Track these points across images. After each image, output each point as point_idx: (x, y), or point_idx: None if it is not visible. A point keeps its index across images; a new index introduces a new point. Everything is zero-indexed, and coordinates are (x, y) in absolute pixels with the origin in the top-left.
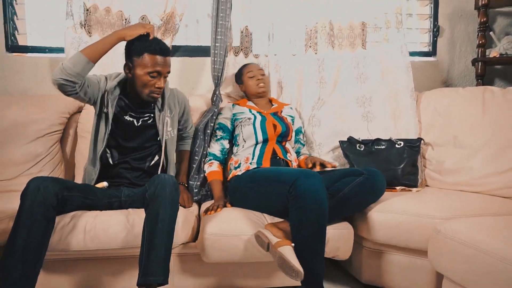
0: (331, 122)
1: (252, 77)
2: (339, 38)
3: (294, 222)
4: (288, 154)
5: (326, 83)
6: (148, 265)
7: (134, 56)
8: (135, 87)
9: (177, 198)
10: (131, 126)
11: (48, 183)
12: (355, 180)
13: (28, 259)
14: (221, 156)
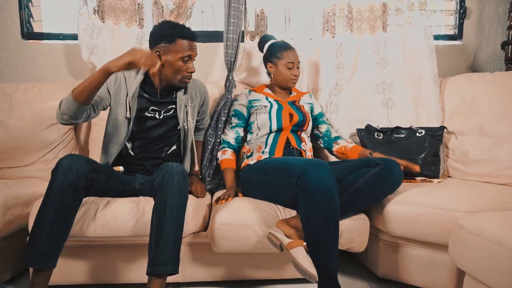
0: (349, 109)
1: (290, 69)
2: (358, 21)
3: (303, 216)
4: (302, 143)
5: (344, 69)
6: (156, 255)
7: (164, 43)
8: (166, 75)
9: (185, 186)
10: (152, 121)
11: (81, 163)
12: (371, 171)
13: (55, 235)
14: (235, 144)
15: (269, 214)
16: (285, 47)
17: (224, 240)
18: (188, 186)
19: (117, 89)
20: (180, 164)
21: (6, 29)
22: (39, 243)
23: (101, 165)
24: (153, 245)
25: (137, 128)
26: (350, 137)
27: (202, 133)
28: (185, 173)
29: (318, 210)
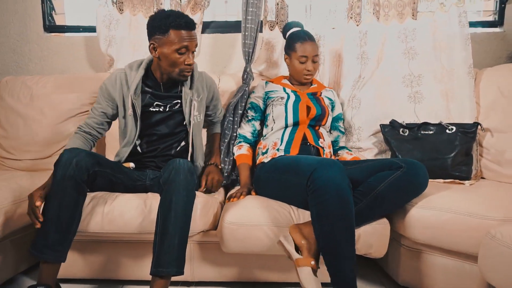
0: (373, 103)
1: (303, 63)
2: (385, 8)
3: (315, 219)
4: (320, 139)
5: (369, 59)
6: (161, 255)
7: (158, 34)
8: (164, 68)
9: (192, 183)
10: (159, 114)
11: (81, 157)
12: (392, 175)
13: (60, 228)
14: (251, 139)
15: (281, 214)
16: (302, 38)
17: (233, 240)
18: (195, 184)
19: (119, 90)
20: (188, 161)
21: (29, 23)
22: (44, 236)
23: (106, 159)
24: (158, 244)
25: (144, 125)
26: (373, 134)
27: (218, 125)
28: (192, 169)
29: (330, 211)
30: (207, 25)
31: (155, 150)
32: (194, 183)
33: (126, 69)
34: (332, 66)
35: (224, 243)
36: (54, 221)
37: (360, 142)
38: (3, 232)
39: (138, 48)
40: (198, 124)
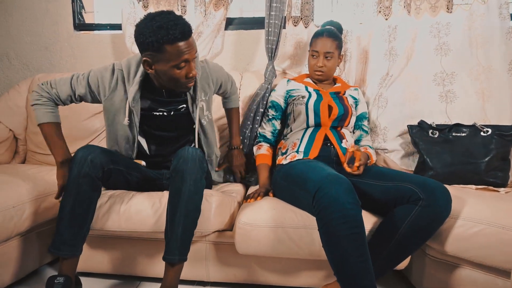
0: (400, 103)
1: (315, 58)
2: (417, 1)
3: (324, 243)
4: (343, 141)
5: (398, 56)
6: (168, 243)
7: (151, 52)
8: (162, 82)
9: (201, 172)
10: (163, 118)
11: (96, 154)
12: (411, 214)
13: (75, 224)
14: (272, 138)
15: (298, 217)
16: (317, 34)
17: (247, 241)
18: (204, 172)
19: (113, 91)
20: (197, 149)
21: (61, 21)
22: (60, 233)
23: (120, 156)
24: (169, 233)
25: (148, 128)
26: (400, 135)
27: (233, 97)
28: (202, 158)
29: (337, 232)
30: (230, 22)
31: (164, 152)
32: (203, 172)
33: (124, 68)
34: (359, 63)
35: (238, 244)
36: (68, 218)
37: (386, 143)
38: (29, 224)
39: None
40: (210, 121)
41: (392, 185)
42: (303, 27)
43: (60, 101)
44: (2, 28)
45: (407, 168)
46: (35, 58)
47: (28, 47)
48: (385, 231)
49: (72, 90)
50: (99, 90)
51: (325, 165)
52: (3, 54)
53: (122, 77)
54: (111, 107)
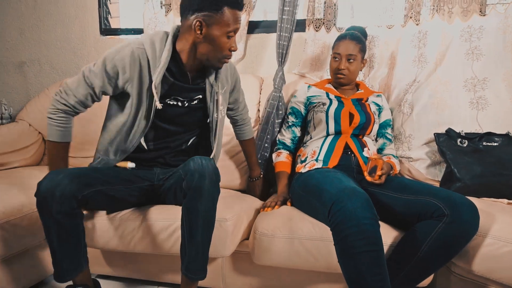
0: (427, 110)
1: (336, 61)
2: (448, 4)
3: (339, 258)
4: (365, 149)
5: (427, 62)
6: (190, 262)
7: (209, 11)
8: (203, 52)
9: (218, 187)
10: (175, 109)
11: (64, 185)
12: (434, 230)
13: (69, 251)
14: (291, 145)
15: (316, 228)
16: (340, 37)
17: (264, 252)
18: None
19: (133, 74)
20: (211, 160)
21: (88, 26)
22: (58, 264)
23: (95, 175)
24: (187, 248)
25: (155, 119)
26: (426, 143)
27: (246, 128)
28: (217, 170)
29: (353, 248)
30: (255, 25)
31: (164, 147)
32: (218, 184)
33: (146, 46)
34: (384, 69)
35: (255, 255)
36: (60, 249)
37: (411, 152)
38: None
39: None
40: (223, 118)
41: (414, 199)
42: (325, 31)
43: (82, 106)
44: (35, 34)
45: (433, 178)
46: (63, 63)
47: (58, 52)
48: (406, 248)
49: (90, 86)
50: (118, 76)
51: (344, 176)
52: (35, 59)
53: (145, 57)
54: (131, 91)
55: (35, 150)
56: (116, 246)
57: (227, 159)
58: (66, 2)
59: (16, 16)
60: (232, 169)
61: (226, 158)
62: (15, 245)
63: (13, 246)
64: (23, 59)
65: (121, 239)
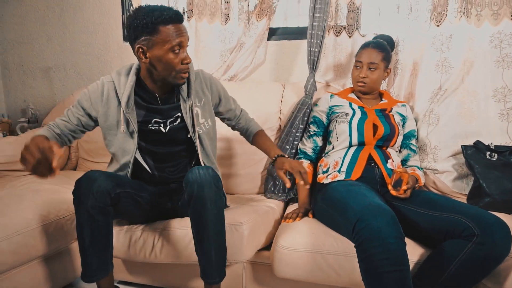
0: (454, 120)
1: (358, 68)
2: (477, 6)
3: (363, 276)
4: (389, 161)
5: (452, 68)
6: (204, 268)
7: (145, 35)
8: (157, 74)
9: (219, 192)
10: (159, 134)
11: (100, 182)
12: (464, 250)
13: (99, 251)
14: (312, 155)
15: (339, 243)
16: (363, 45)
17: (285, 265)
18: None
19: (106, 105)
20: (208, 168)
21: (111, 33)
22: (88, 263)
23: (125, 178)
24: (199, 255)
25: (145, 144)
26: (453, 155)
27: (251, 124)
28: (217, 177)
29: (378, 268)
30: (274, 32)
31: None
32: (220, 189)
33: (113, 78)
34: (409, 76)
35: (275, 267)
36: (92, 248)
37: (436, 163)
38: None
39: (201, 56)
40: (208, 131)
41: (441, 216)
42: (346, 36)
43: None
44: (61, 40)
45: (460, 191)
46: (87, 68)
47: (83, 57)
48: (433, 267)
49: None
50: (91, 108)
51: (368, 191)
52: (61, 65)
53: (114, 88)
54: (106, 122)
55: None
56: (135, 256)
57: (248, 167)
58: (91, 10)
59: (43, 23)
60: (252, 177)
61: (246, 166)
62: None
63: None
64: (49, 65)
65: (141, 250)
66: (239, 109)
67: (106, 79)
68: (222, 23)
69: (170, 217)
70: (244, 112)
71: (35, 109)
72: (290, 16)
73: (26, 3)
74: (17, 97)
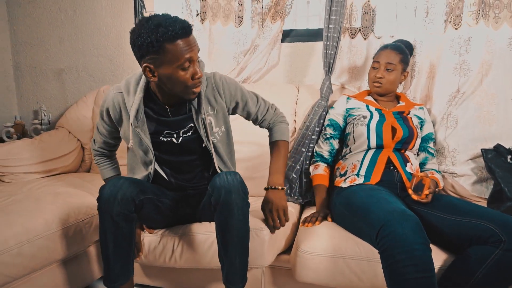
0: (473, 123)
1: (375, 69)
2: (495, 8)
3: (388, 284)
4: (408, 164)
5: (470, 71)
6: (228, 274)
7: (151, 54)
8: (167, 90)
9: (246, 199)
10: (171, 145)
11: (124, 190)
12: (490, 257)
13: (123, 257)
14: (329, 158)
15: (361, 248)
16: (382, 47)
17: (306, 270)
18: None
19: (119, 119)
20: (236, 173)
21: (124, 35)
22: (111, 269)
23: (145, 183)
24: (223, 260)
25: (160, 153)
26: (472, 159)
27: (277, 128)
28: (243, 184)
29: (405, 278)
30: (287, 34)
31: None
32: (247, 195)
33: (123, 91)
34: (426, 79)
35: (296, 272)
36: (115, 254)
37: (455, 167)
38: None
39: (215, 58)
40: (222, 139)
41: (466, 221)
42: (361, 39)
43: (108, 148)
44: (73, 42)
45: (479, 195)
46: (100, 70)
47: (95, 59)
48: (459, 274)
49: (102, 134)
50: (112, 121)
51: (389, 195)
52: (73, 67)
53: (123, 100)
54: (124, 135)
55: (75, 157)
56: (154, 261)
57: (261, 170)
58: (103, 12)
59: (56, 25)
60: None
61: (260, 170)
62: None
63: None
64: (61, 67)
65: (161, 255)
66: (263, 111)
67: (115, 90)
68: (236, 25)
69: (189, 221)
70: (269, 114)
71: (47, 111)
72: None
73: (38, 5)
74: (29, 99)
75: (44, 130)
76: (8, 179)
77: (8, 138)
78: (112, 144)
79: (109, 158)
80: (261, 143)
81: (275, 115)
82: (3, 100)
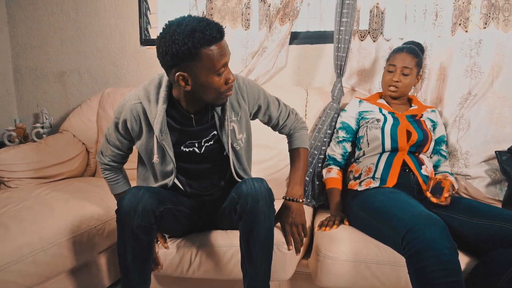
0: (486, 126)
1: (391, 73)
2: (505, 12)
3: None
4: (423, 167)
5: (481, 73)
6: (251, 281)
7: (187, 62)
8: (199, 98)
9: (272, 206)
10: (193, 155)
11: (145, 201)
12: None
13: (141, 268)
14: (342, 161)
15: (382, 252)
16: (397, 49)
17: (327, 275)
18: (273, 201)
19: (139, 132)
20: (263, 180)
21: (128, 37)
22: (129, 280)
23: (164, 193)
24: (247, 268)
25: (178, 163)
26: (485, 161)
27: (297, 135)
28: (270, 191)
29: (434, 283)
30: (296, 36)
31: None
32: (273, 202)
33: (142, 100)
34: (437, 81)
35: (317, 277)
36: (134, 265)
37: (468, 169)
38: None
39: None
40: (244, 146)
41: (488, 224)
42: (371, 41)
43: (118, 160)
44: (75, 45)
45: (493, 197)
46: (103, 73)
47: (98, 62)
48: (483, 277)
49: (114, 146)
50: (129, 132)
51: (410, 199)
52: (75, 69)
53: (143, 110)
54: (143, 147)
55: (80, 161)
56: (172, 272)
57: (274, 172)
58: (107, 14)
59: (58, 27)
60: (278, 183)
61: (272, 172)
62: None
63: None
64: (63, 69)
65: (178, 267)
66: (285, 116)
67: (133, 100)
68: (244, 28)
69: (205, 229)
70: (290, 119)
71: (48, 114)
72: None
73: (39, 7)
74: (30, 102)
75: (46, 133)
76: (13, 184)
77: (10, 142)
78: (124, 155)
79: (120, 171)
80: (270, 145)
81: (296, 120)
82: (2, 104)
